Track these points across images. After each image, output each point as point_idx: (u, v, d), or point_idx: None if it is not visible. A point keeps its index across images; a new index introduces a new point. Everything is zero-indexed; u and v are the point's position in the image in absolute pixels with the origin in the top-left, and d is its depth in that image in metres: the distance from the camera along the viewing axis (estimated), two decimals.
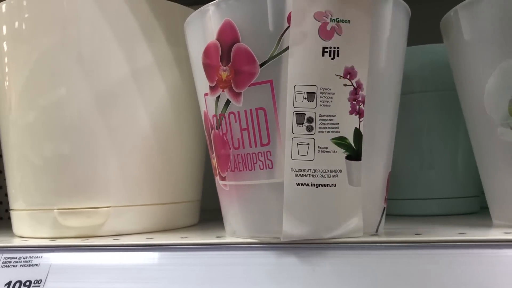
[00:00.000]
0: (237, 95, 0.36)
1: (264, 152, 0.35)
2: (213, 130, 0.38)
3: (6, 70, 0.45)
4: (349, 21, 0.34)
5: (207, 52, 0.37)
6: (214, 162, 0.39)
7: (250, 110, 0.35)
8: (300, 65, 0.33)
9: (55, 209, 0.43)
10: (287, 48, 0.33)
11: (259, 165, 0.35)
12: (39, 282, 0.35)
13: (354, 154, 0.35)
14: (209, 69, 0.37)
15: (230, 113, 0.36)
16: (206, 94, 0.38)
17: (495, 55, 0.37)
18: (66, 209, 0.43)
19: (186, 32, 0.41)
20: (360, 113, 0.34)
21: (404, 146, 0.49)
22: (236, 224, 0.39)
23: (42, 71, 0.43)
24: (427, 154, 0.49)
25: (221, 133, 0.38)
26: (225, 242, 0.35)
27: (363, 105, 0.34)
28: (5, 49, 0.45)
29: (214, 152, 0.39)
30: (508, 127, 0.37)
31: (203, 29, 0.37)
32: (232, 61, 0.35)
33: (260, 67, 0.34)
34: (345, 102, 0.34)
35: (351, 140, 0.34)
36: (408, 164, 0.51)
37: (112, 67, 0.43)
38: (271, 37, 0.34)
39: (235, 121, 0.36)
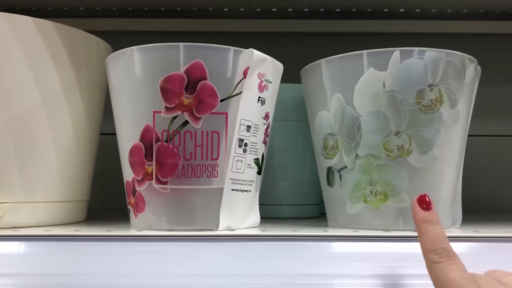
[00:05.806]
0: (197, 119, 0.46)
1: (212, 164, 0.47)
2: (159, 143, 0.46)
3: None
4: (271, 82, 0.50)
5: (169, 80, 0.46)
6: (150, 168, 0.47)
7: (207, 132, 0.46)
8: (246, 106, 0.48)
9: None
10: (241, 92, 0.47)
11: (207, 174, 0.47)
12: None
13: (260, 170, 0.51)
14: (169, 93, 0.46)
15: (186, 131, 0.46)
16: (156, 112, 0.46)
17: (321, 105, 0.51)
18: None
19: (134, 55, 0.47)
20: (265, 143, 0.51)
21: (269, 162, 0.63)
22: (156, 219, 0.47)
23: None
24: (282, 169, 0.64)
25: (171, 146, 0.46)
26: (116, 234, 0.44)
27: (267, 138, 0.51)
28: None
29: (154, 160, 0.47)
30: (323, 157, 0.52)
31: (164, 58, 0.45)
32: (198, 92, 0.46)
33: (221, 102, 0.46)
34: (262, 135, 0.50)
35: (260, 161, 0.51)
36: (269, 176, 0.63)
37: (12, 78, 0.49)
38: (230, 82, 0.47)
39: (191, 138, 0.46)
